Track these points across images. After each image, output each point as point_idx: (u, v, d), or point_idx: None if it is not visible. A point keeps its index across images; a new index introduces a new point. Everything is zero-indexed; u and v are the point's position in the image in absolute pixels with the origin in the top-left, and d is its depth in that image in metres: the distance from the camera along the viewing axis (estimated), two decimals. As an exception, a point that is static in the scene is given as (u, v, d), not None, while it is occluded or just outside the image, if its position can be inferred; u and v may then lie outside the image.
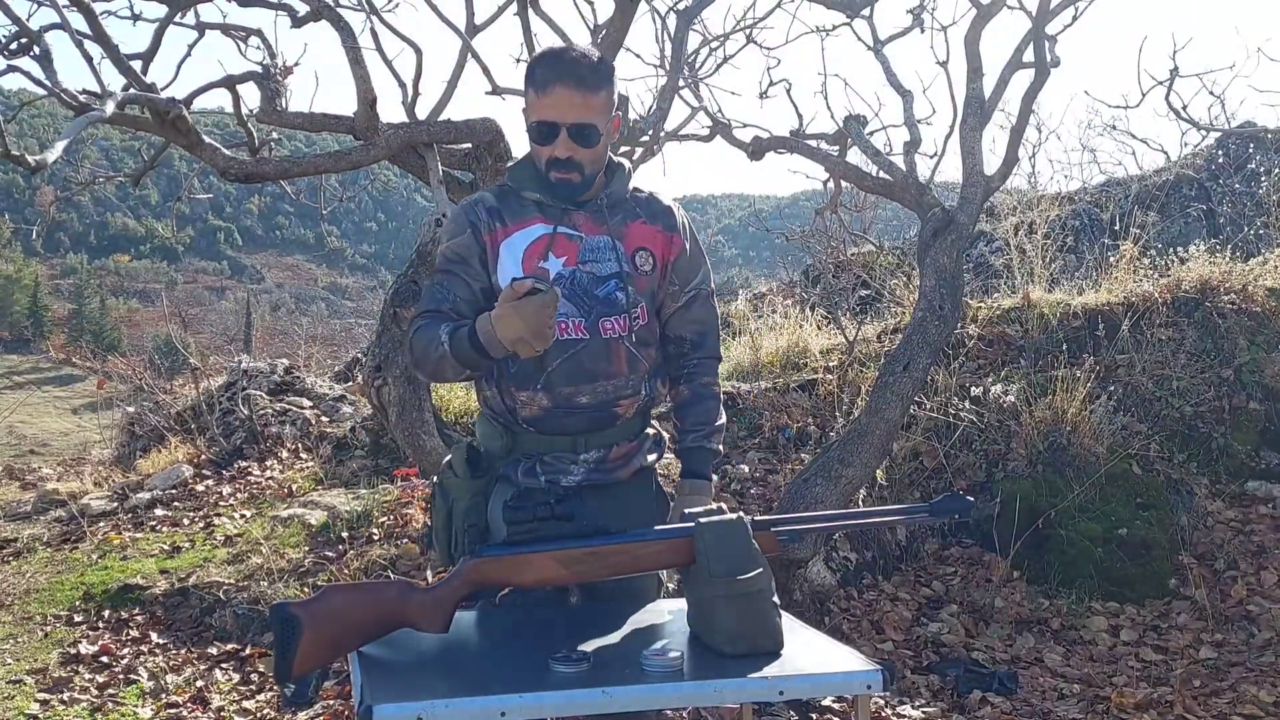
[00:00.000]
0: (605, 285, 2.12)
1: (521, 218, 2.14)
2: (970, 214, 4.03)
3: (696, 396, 2.28)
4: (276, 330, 29.12)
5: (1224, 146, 8.64)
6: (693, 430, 2.27)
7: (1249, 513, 4.96)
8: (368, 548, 4.92)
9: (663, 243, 2.20)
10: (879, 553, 4.74)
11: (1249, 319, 5.62)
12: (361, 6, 4.35)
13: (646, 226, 2.20)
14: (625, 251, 2.15)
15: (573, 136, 2.05)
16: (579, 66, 2.05)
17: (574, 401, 2.12)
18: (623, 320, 2.12)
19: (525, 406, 2.12)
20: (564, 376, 2.10)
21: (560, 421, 2.13)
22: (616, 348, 2.13)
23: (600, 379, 2.12)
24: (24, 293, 56.40)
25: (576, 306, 2.10)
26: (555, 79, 2.04)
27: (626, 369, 2.14)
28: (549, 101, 2.04)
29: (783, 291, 8.71)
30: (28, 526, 6.26)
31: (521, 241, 2.12)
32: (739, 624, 1.80)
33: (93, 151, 55.52)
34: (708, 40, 4.87)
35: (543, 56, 2.10)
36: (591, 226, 2.14)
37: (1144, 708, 3.66)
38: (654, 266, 2.19)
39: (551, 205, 2.13)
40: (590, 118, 2.05)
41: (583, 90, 2.04)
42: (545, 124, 2.06)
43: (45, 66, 3.24)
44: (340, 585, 1.89)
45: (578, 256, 2.12)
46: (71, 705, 3.82)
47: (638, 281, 2.15)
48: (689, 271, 2.25)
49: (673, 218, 2.24)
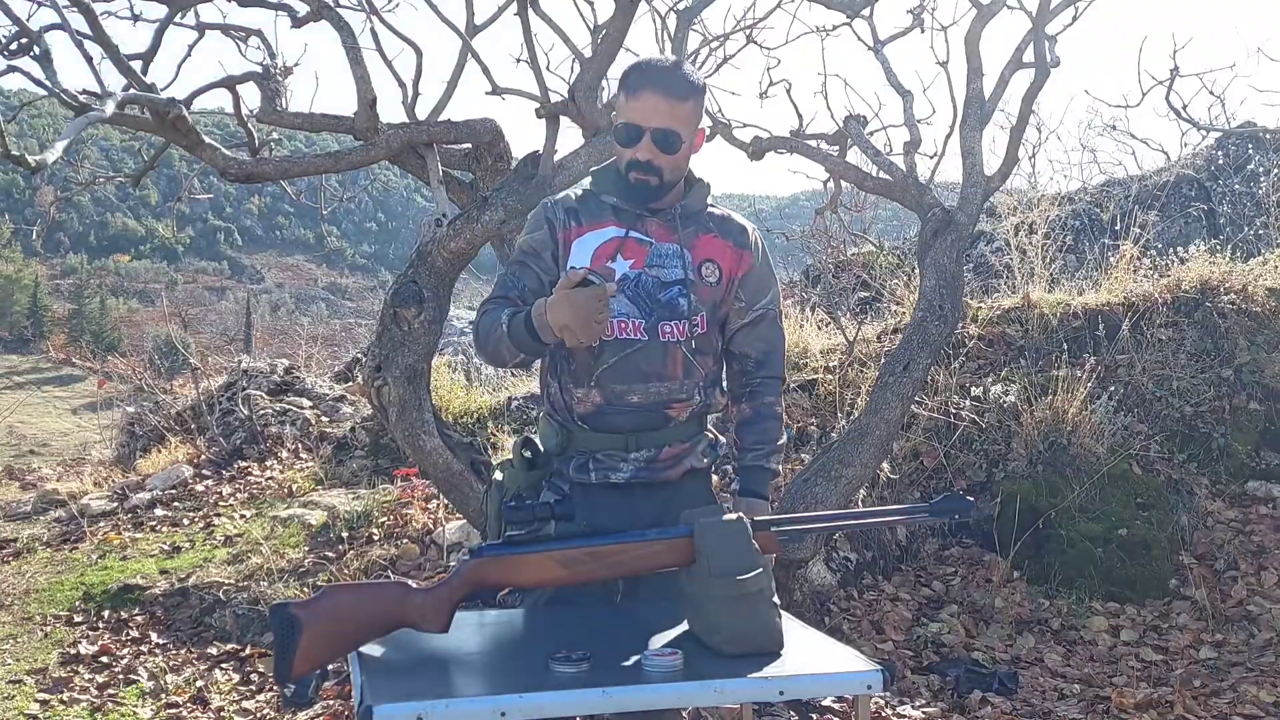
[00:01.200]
0: (669, 290, 2.18)
1: (597, 219, 2.21)
2: (970, 214, 4.03)
3: (758, 415, 2.31)
4: (276, 330, 29.11)
5: (1224, 146, 8.64)
6: (752, 449, 2.31)
7: (1249, 513, 4.95)
8: (368, 548, 4.92)
9: (732, 258, 2.25)
10: (879, 553, 4.74)
11: (1249, 319, 5.62)
12: (361, 6, 4.35)
13: (718, 241, 2.25)
14: (692, 261, 2.20)
15: (655, 141, 2.12)
16: (669, 76, 2.14)
17: (625, 400, 2.17)
18: (682, 326, 2.18)
19: (580, 403, 2.19)
20: (617, 375, 2.16)
21: (612, 419, 2.19)
22: (674, 352, 2.18)
23: (654, 380, 2.17)
24: (24, 293, 56.40)
25: (638, 308, 2.16)
26: (645, 84, 2.12)
27: (682, 374, 2.19)
28: (636, 105, 2.12)
29: (783, 291, 8.69)
30: (27, 527, 6.26)
31: (593, 241, 2.19)
32: (739, 624, 1.80)
33: (93, 152, 55.47)
34: (708, 40, 4.86)
35: (639, 63, 2.19)
36: (663, 234, 2.20)
37: (1144, 708, 3.66)
38: (719, 279, 2.23)
39: (627, 210, 2.20)
40: (674, 125, 2.12)
41: (670, 98, 2.11)
42: (631, 126, 2.13)
43: (45, 67, 3.23)
44: (340, 585, 1.89)
45: (645, 260, 2.19)
46: (71, 705, 3.82)
47: (701, 291, 2.20)
48: (757, 290, 2.29)
49: (745, 236, 2.29)
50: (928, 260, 3.99)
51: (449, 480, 3.83)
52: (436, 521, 5.08)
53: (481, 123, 4.20)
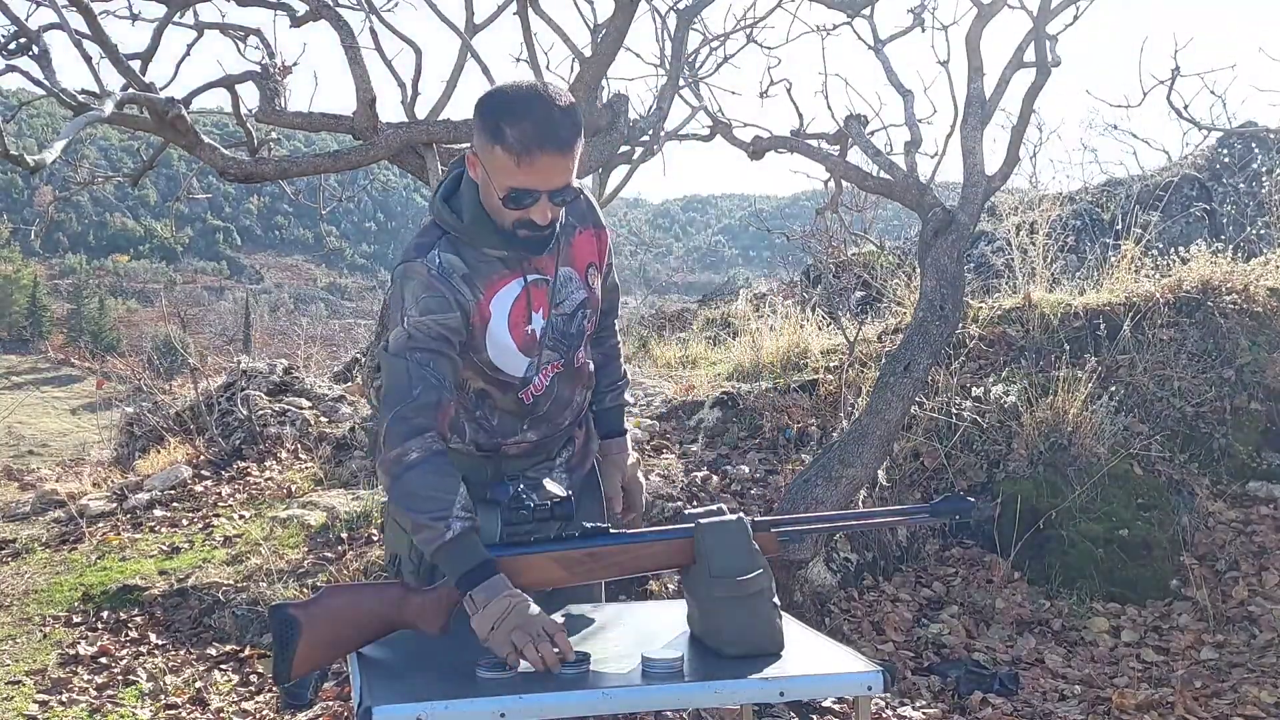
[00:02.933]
0: (575, 319, 2.10)
1: (491, 276, 1.98)
2: (971, 214, 4.03)
3: (607, 358, 2.29)
4: (276, 330, 29.12)
5: (1226, 146, 8.64)
6: (609, 390, 2.29)
7: (1250, 513, 4.94)
8: (367, 548, 4.91)
9: (599, 245, 2.15)
10: (879, 553, 4.74)
11: (1251, 319, 5.61)
12: (361, 6, 4.35)
13: (583, 235, 2.11)
14: (579, 275, 2.09)
15: (553, 199, 1.89)
16: (560, 128, 1.83)
17: (557, 425, 2.15)
18: (586, 340, 2.15)
19: (514, 446, 2.13)
20: (551, 411, 2.12)
21: (544, 443, 2.16)
22: (584, 366, 2.16)
23: (576, 398, 2.16)
24: (23, 293, 56.42)
25: (558, 352, 2.08)
26: (538, 146, 1.82)
27: (589, 374, 2.19)
28: (531, 171, 1.83)
29: (783, 291, 8.70)
30: (26, 527, 6.25)
31: (503, 306, 1.99)
32: (739, 625, 1.79)
33: (91, 151, 55.49)
34: (708, 40, 4.87)
35: (514, 114, 1.83)
36: (549, 263, 2.03)
37: (1145, 709, 3.66)
38: (604, 273, 2.18)
39: (514, 256, 1.99)
40: (570, 177, 1.89)
41: (567, 153, 1.85)
42: (524, 192, 1.86)
43: (44, 66, 3.23)
44: (339, 586, 1.89)
45: (549, 301, 2.04)
46: (70, 706, 3.81)
47: (593, 301, 2.13)
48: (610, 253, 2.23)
49: (594, 211, 2.15)
50: (928, 260, 3.99)
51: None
52: (436, 522, 5.06)
53: (481, 122, 4.18)
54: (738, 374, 6.27)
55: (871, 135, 4.49)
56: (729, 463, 5.11)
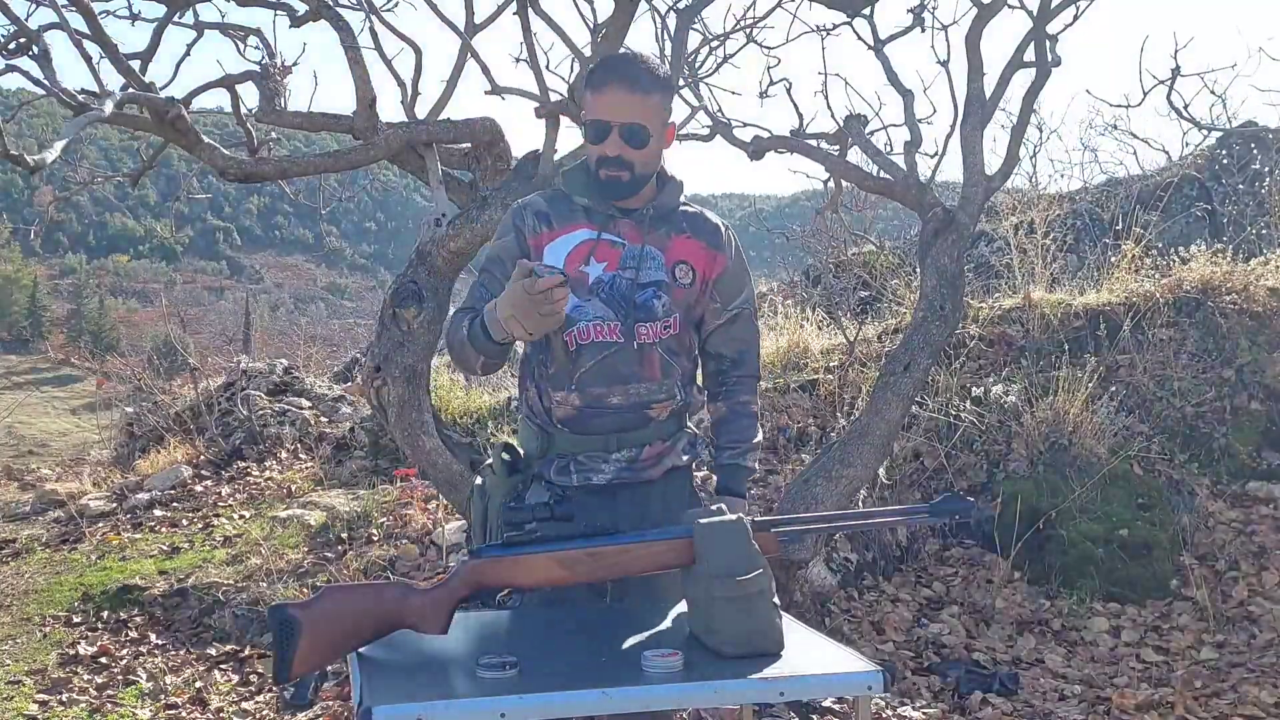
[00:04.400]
0: (644, 292, 2.16)
1: (568, 222, 2.18)
2: (971, 214, 4.02)
3: (734, 414, 2.33)
4: (275, 330, 29.09)
5: (1226, 146, 8.63)
6: (729, 448, 2.32)
7: (1250, 513, 4.94)
8: (367, 548, 4.91)
9: (705, 259, 2.23)
10: (879, 553, 4.74)
11: (1250, 319, 5.61)
12: (361, 6, 4.34)
13: (691, 241, 2.23)
14: (665, 262, 2.18)
15: (623, 136, 2.09)
16: (634, 68, 2.11)
17: (605, 402, 2.16)
18: (657, 327, 2.17)
19: (560, 406, 2.17)
20: (596, 378, 2.15)
21: (591, 421, 2.17)
22: (650, 353, 2.17)
23: (633, 382, 2.17)
24: (23, 293, 56.37)
25: (614, 310, 2.14)
26: (610, 79, 2.10)
27: (660, 374, 2.19)
28: (603, 100, 2.09)
29: (783, 291, 8.69)
30: (26, 527, 6.25)
31: (565, 245, 2.16)
32: (739, 625, 1.79)
33: (91, 151, 55.47)
34: (708, 39, 4.86)
35: (604, 59, 2.18)
36: (635, 235, 2.18)
37: (1145, 709, 3.66)
38: (693, 280, 2.22)
39: (599, 211, 2.17)
40: (641, 119, 2.09)
41: (636, 91, 2.09)
42: (598, 122, 2.10)
43: (44, 66, 3.23)
44: (339, 586, 1.89)
45: (619, 262, 2.16)
46: (70, 706, 3.81)
47: (675, 292, 2.19)
48: (732, 290, 2.28)
49: (719, 236, 2.26)
50: (928, 260, 3.99)
51: (448, 480, 3.82)
52: (436, 522, 5.07)
53: (481, 122, 4.19)
54: (738, 374, 6.26)
55: (871, 135, 4.49)
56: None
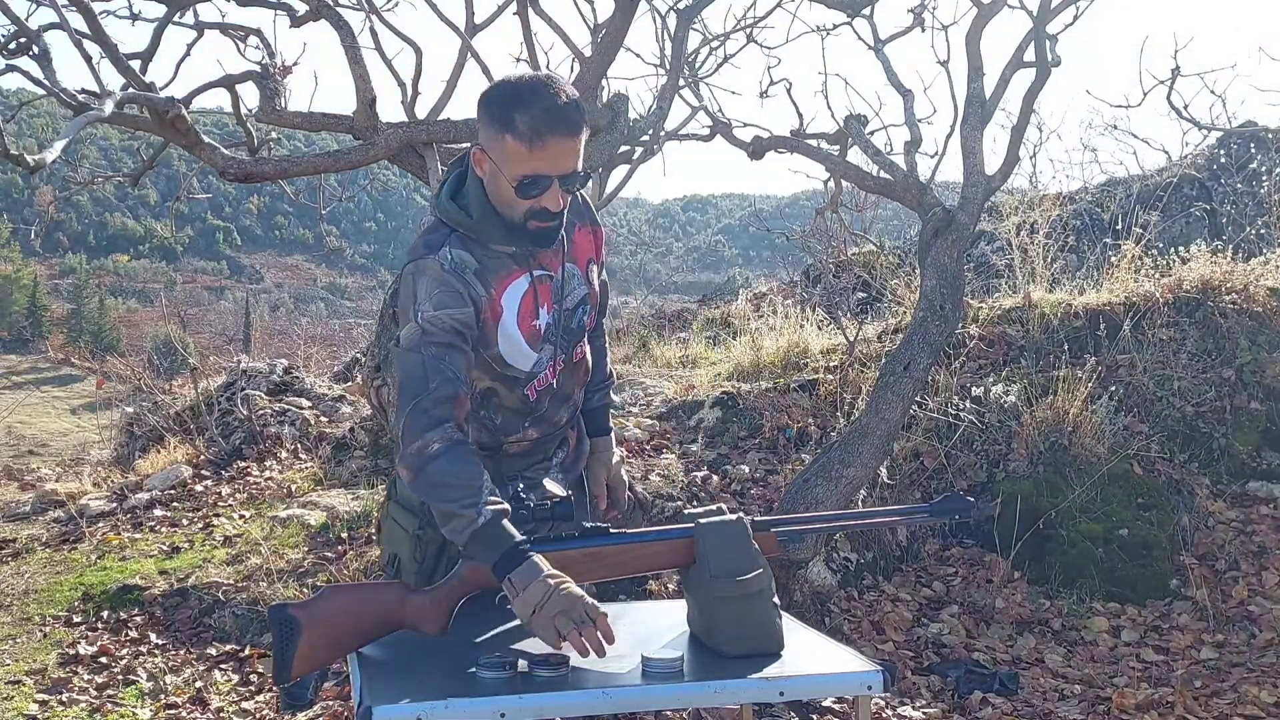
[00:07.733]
0: (576, 314, 2.12)
1: (501, 272, 1.99)
2: (971, 214, 4.03)
3: (595, 357, 2.30)
4: (275, 330, 29.11)
5: (1225, 146, 8.63)
6: (596, 390, 2.30)
7: (1250, 513, 4.94)
8: (367, 548, 4.91)
9: (595, 242, 2.18)
10: (879, 553, 4.73)
11: (1250, 319, 5.61)
12: (361, 6, 4.35)
13: (582, 232, 2.13)
14: (581, 271, 2.12)
15: (564, 186, 1.90)
16: (569, 113, 1.85)
17: (556, 423, 2.16)
18: (585, 335, 2.17)
19: (515, 445, 2.14)
20: (550, 409, 2.13)
21: (542, 442, 2.18)
22: (583, 361, 2.19)
23: (573, 394, 2.18)
24: (23, 293, 56.38)
25: (558, 346, 2.10)
26: (549, 131, 1.83)
27: (585, 374, 2.21)
28: (542, 154, 1.84)
29: (783, 291, 8.69)
30: (26, 527, 6.25)
31: (512, 301, 2.00)
32: (739, 625, 1.79)
33: (91, 151, 55.44)
34: (708, 40, 4.87)
35: (523, 101, 1.84)
36: (554, 259, 2.05)
37: (1145, 708, 3.66)
38: (600, 269, 2.20)
39: (521, 253, 2.00)
40: (579, 162, 1.91)
41: (575, 136, 1.87)
42: (538, 178, 1.87)
43: (44, 66, 3.24)
44: (339, 586, 1.89)
45: (552, 297, 2.05)
46: (70, 706, 3.81)
47: (592, 296, 2.15)
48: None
49: (590, 209, 2.17)
50: (928, 260, 3.99)
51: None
52: (436, 522, 5.06)
53: (481, 122, 4.19)
54: (738, 374, 6.27)
55: (871, 135, 4.50)
56: (729, 462, 5.11)
